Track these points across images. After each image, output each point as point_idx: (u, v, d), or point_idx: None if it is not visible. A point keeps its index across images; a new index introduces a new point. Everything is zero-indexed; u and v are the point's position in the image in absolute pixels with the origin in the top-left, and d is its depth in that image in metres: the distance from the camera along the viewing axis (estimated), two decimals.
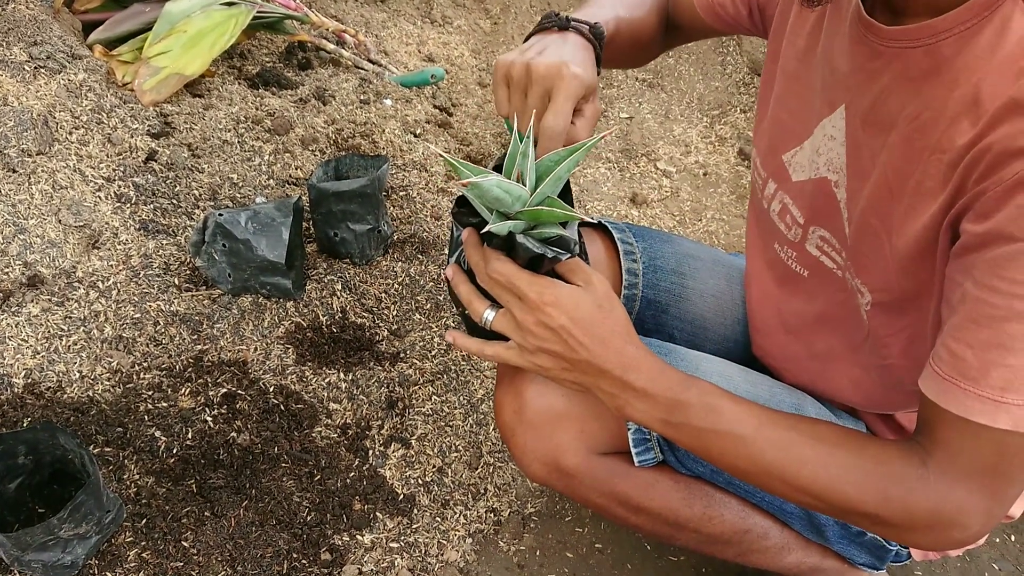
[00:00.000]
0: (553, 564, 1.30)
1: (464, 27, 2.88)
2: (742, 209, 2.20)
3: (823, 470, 0.73)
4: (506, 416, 0.94)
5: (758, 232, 1.04)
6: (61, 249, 1.46)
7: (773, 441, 0.75)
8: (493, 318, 0.79)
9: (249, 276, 1.49)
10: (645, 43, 1.07)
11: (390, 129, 1.99)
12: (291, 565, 1.18)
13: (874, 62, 0.75)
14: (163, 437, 1.28)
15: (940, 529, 0.70)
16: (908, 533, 0.73)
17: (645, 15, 1.05)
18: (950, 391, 0.67)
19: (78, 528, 1.05)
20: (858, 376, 0.91)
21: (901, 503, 0.70)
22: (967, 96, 0.66)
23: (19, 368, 1.30)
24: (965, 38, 0.67)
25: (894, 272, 0.76)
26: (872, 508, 0.72)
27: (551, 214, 0.71)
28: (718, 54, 2.77)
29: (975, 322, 0.64)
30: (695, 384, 0.78)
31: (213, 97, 1.93)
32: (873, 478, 0.71)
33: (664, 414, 0.78)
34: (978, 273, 0.64)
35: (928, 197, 0.70)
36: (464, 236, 0.80)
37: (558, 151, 0.73)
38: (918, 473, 0.70)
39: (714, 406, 0.77)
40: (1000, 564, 1.36)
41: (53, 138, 1.57)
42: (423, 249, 1.72)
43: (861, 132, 0.79)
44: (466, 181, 0.66)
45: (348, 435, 1.38)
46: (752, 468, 0.76)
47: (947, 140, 0.68)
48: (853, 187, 0.81)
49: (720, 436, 0.76)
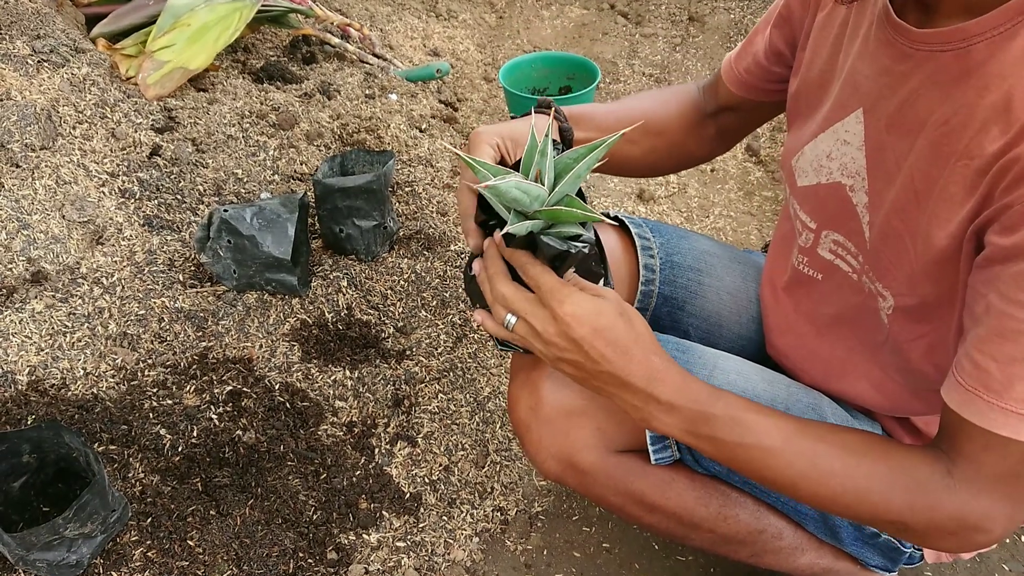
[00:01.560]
0: (560, 563, 1.29)
1: (469, 21, 2.87)
2: (750, 206, 2.19)
3: (850, 481, 0.73)
4: (521, 412, 0.92)
5: (782, 233, 1.03)
6: (65, 245, 1.44)
7: (800, 453, 0.75)
8: (515, 323, 0.77)
9: (254, 272, 1.48)
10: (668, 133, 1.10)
11: (395, 124, 1.98)
12: (297, 564, 1.17)
13: (902, 64, 0.74)
14: (168, 435, 1.27)
15: (964, 534, 0.71)
16: (933, 538, 0.73)
17: (661, 105, 1.10)
18: (973, 402, 0.67)
19: (83, 527, 1.04)
20: (878, 377, 0.90)
21: (926, 511, 0.71)
22: (998, 103, 0.65)
23: (23, 365, 1.29)
24: (997, 43, 0.65)
25: (919, 276, 0.75)
26: (897, 516, 0.72)
27: (570, 214, 0.69)
28: (725, 48, 2.75)
29: (1000, 335, 0.64)
30: (721, 397, 0.78)
31: (217, 91, 1.92)
32: (899, 488, 0.72)
33: (690, 426, 0.77)
34: (1003, 286, 0.64)
35: (954, 203, 0.69)
36: (485, 244, 0.79)
37: (577, 148, 0.72)
38: (944, 483, 0.70)
39: (741, 419, 0.76)
40: (1010, 565, 1.35)
41: (57, 133, 1.56)
42: (429, 245, 1.71)
43: (886, 135, 0.77)
44: (485, 184, 0.65)
45: (354, 433, 1.37)
46: (779, 479, 0.77)
47: (976, 146, 0.67)
48: (876, 190, 0.80)
49: (747, 449, 0.76)
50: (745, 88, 1.04)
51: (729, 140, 1.15)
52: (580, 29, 2.92)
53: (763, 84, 1.02)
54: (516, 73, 2.33)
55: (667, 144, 1.10)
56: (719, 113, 1.10)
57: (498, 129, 0.89)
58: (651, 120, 1.09)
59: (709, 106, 1.11)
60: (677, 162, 1.15)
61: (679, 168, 1.18)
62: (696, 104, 1.11)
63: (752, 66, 1.02)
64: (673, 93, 1.13)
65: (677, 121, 1.10)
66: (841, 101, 0.83)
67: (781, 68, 0.98)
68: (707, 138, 1.12)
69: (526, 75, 2.37)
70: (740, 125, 1.12)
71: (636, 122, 1.03)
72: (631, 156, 1.09)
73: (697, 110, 1.11)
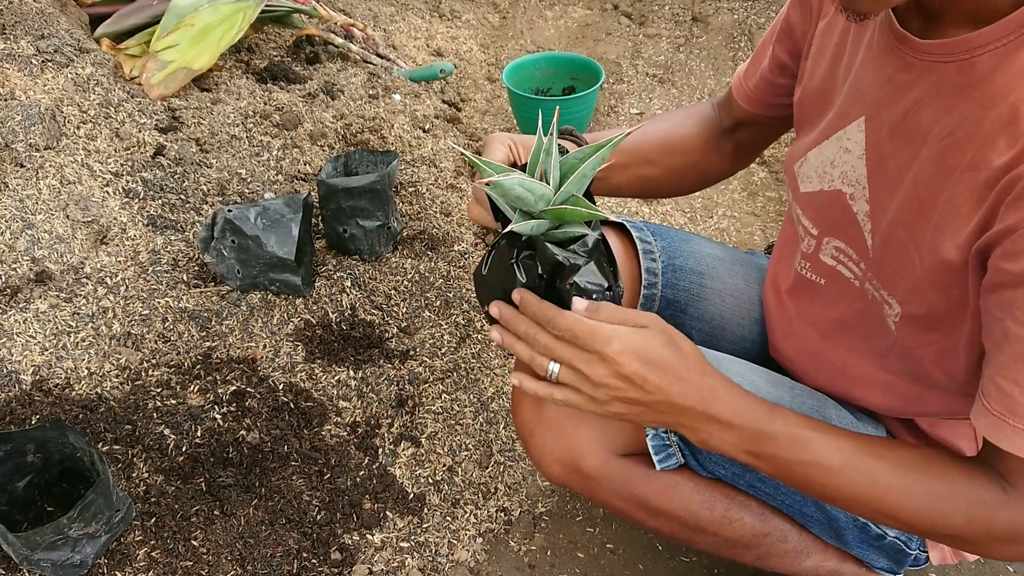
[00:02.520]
0: (564, 564, 1.29)
1: (473, 21, 2.86)
2: (754, 206, 2.18)
3: (908, 499, 0.75)
4: (525, 416, 0.92)
5: (785, 236, 1.03)
6: (69, 245, 1.44)
7: (860, 470, 0.76)
8: (559, 371, 0.76)
9: (258, 272, 1.48)
10: (688, 151, 1.10)
11: (399, 124, 1.98)
12: (301, 564, 1.17)
13: (905, 74, 0.74)
14: (172, 435, 1.27)
15: (1020, 543, 0.73)
16: (991, 549, 0.76)
17: (678, 125, 1.11)
18: (1001, 428, 0.68)
19: (87, 527, 1.04)
20: (884, 380, 0.90)
21: (984, 524, 0.72)
22: (1004, 116, 0.65)
23: (27, 365, 1.29)
24: (1002, 55, 0.65)
25: (927, 286, 0.76)
26: (955, 531, 0.74)
27: (575, 213, 0.69)
28: (729, 49, 2.75)
29: (1021, 360, 0.66)
30: (780, 415, 0.79)
31: (221, 91, 1.92)
32: (957, 503, 0.73)
33: (749, 445, 0.78)
34: (1019, 312, 0.65)
35: (960, 216, 0.69)
36: (515, 296, 0.76)
37: (583, 148, 0.72)
38: (1000, 499, 0.72)
39: (801, 437, 0.77)
40: (1015, 567, 1.35)
41: (61, 132, 1.56)
42: (432, 245, 1.71)
43: (888, 144, 0.77)
44: (487, 180, 0.65)
45: (358, 433, 1.37)
46: (839, 496, 0.78)
47: (982, 159, 0.67)
48: (877, 199, 0.80)
49: (807, 466, 0.77)
50: (756, 104, 1.05)
51: (747, 155, 1.15)
52: (583, 29, 2.92)
53: (773, 99, 1.02)
54: (520, 73, 2.33)
55: (687, 163, 1.11)
56: (735, 129, 1.11)
57: (513, 135, 0.91)
58: (670, 140, 1.09)
59: (725, 123, 1.12)
60: (698, 180, 1.15)
61: (701, 186, 1.18)
62: (712, 121, 1.12)
63: (760, 82, 1.02)
64: (689, 112, 1.14)
65: (696, 139, 1.11)
66: (844, 109, 0.83)
67: (788, 81, 0.98)
68: (726, 154, 1.13)
69: (530, 75, 2.36)
70: (756, 140, 1.12)
71: (655, 144, 1.06)
72: (653, 177, 1.09)
73: (714, 127, 1.12)
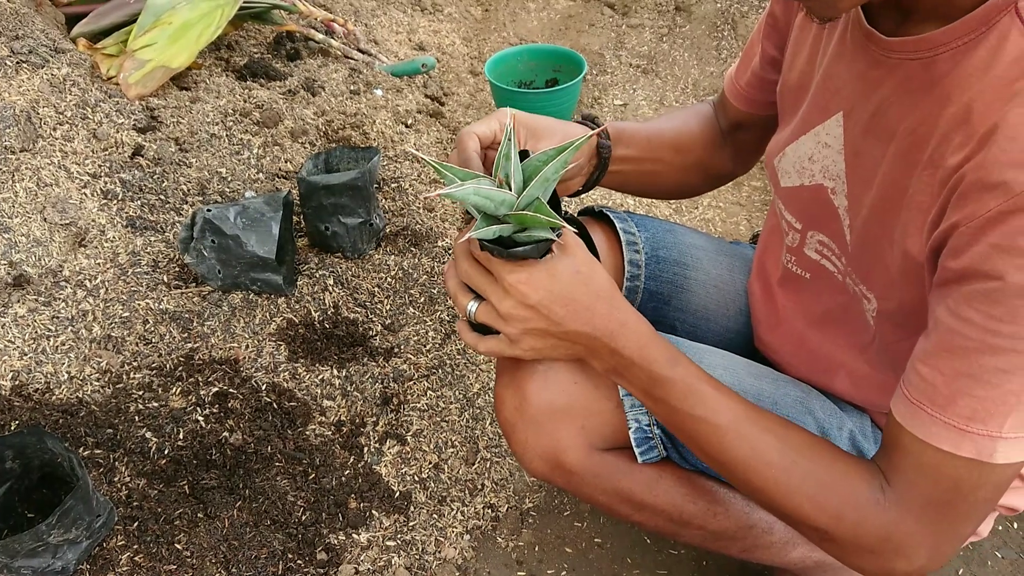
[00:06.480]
0: (552, 559, 1.29)
1: (455, 15, 2.85)
2: (739, 196, 2.18)
3: (784, 476, 0.74)
4: (507, 412, 0.92)
5: (770, 227, 1.03)
6: (47, 248, 1.43)
7: (745, 436, 0.76)
8: (476, 309, 0.79)
9: (239, 272, 1.47)
10: (693, 151, 1.09)
11: (381, 120, 1.96)
12: (287, 566, 1.17)
13: (875, 71, 0.74)
14: (154, 438, 1.26)
15: (885, 555, 0.71)
16: (853, 555, 0.73)
17: (684, 124, 1.10)
18: (917, 415, 0.67)
19: (68, 533, 1.03)
20: (868, 374, 0.90)
21: (852, 524, 0.71)
22: (958, 114, 0.65)
23: (6, 370, 1.28)
24: (961, 53, 0.65)
25: (898, 281, 0.76)
26: (823, 524, 0.72)
27: (535, 219, 0.69)
28: (712, 38, 2.74)
29: (947, 350, 0.65)
30: (682, 363, 0.78)
31: (200, 90, 1.90)
32: (831, 495, 0.72)
33: (648, 386, 0.79)
34: (952, 303, 0.64)
35: (921, 212, 0.70)
36: (454, 244, 0.79)
37: (545, 151, 0.71)
38: (875, 498, 0.70)
39: (695, 389, 0.77)
40: (1003, 552, 1.35)
41: (37, 134, 1.54)
42: (416, 242, 1.70)
43: (862, 140, 0.78)
44: (436, 193, 0.65)
45: (342, 432, 1.36)
46: (719, 458, 0.78)
47: (939, 156, 0.67)
48: (855, 194, 0.80)
49: (695, 420, 0.77)
50: (750, 103, 1.04)
51: (747, 158, 1.14)
52: (566, 21, 2.91)
53: (766, 96, 1.02)
54: (502, 66, 2.31)
55: (694, 162, 1.10)
56: (733, 131, 1.10)
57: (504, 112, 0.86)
58: (678, 139, 1.08)
59: (722, 124, 1.11)
60: (704, 180, 1.14)
61: (709, 187, 1.17)
62: (712, 122, 1.11)
63: (753, 79, 1.02)
64: (694, 112, 1.13)
65: (700, 139, 1.10)
66: (821, 103, 0.83)
67: (778, 75, 0.98)
68: (727, 156, 1.12)
69: (512, 68, 2.35)
70: (754, 140, 1.11)
71: (665, 140, 1.06)
72: (661, 175, 1.08)
73: (714, 128, 1.11)
